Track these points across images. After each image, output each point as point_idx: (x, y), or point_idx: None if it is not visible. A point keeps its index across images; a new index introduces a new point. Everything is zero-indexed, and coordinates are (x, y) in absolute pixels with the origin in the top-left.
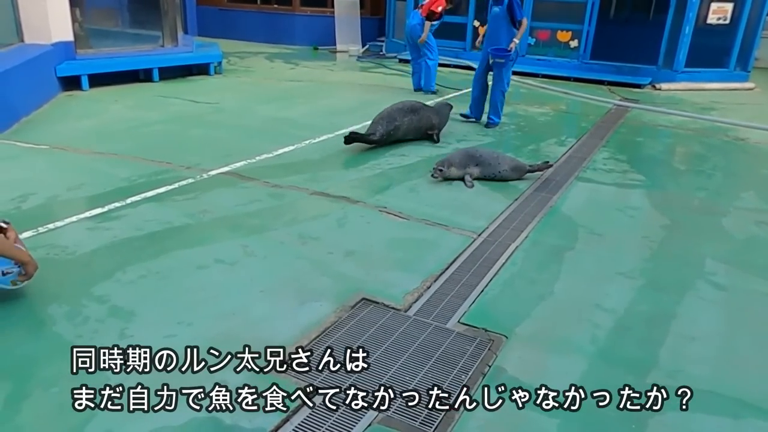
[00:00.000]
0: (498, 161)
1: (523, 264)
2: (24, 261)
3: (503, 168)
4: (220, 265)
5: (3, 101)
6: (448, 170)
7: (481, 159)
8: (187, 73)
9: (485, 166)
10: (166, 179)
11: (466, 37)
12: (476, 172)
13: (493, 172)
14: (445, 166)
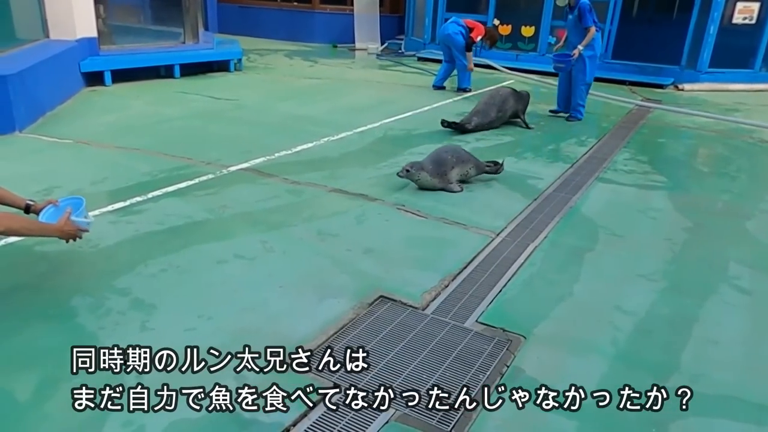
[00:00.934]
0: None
1: (542, 264)
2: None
3: (470, 164)
4: (240, 260)
5: (29, 96)
6: (418, 173)
7: (455, 159)
8: (208, 70)
9: (460, 164)
10: (186, 174)
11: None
12: (456, 173)
13: (465, 170)
14: (415, 169)
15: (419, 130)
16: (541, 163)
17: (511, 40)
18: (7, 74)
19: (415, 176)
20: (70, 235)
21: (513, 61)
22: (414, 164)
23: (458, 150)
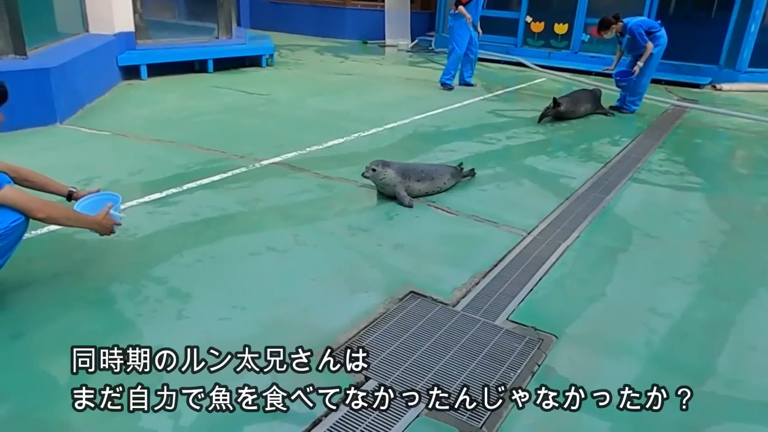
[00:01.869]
0: (440, 173)
1: (574, 264)
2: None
3: (446, 179)
4: (272, 252)
5: (69, 88)
6: (383, 171)
7: (424, 174)
8: (240, 65)
9: (429, 181)
10: (220, 167)
11: (518, 32)
12: (420, 188)
13: (438, 186)
14: (380, 167)
15: (449, 127)
16: (573, 162)
17: (544, 38)
18: (50, 67)
19: (381, 175)
20: (107, 228)
21: (545, 59)
22: (379, 162)
23: (430, 167)
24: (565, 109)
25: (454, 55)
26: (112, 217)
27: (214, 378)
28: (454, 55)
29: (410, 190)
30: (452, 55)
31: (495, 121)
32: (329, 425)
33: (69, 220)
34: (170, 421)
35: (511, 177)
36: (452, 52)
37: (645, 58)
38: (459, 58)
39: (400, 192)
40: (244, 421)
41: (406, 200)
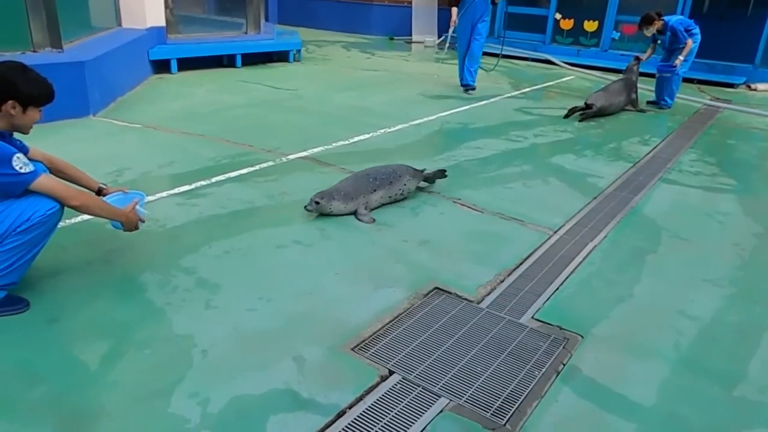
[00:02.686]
0: (398, 175)
1: (601, 264)
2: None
3: (406, 179)
4: (298, 245)
5: (102, 81)
6: (329, 204)
7: (379, 182)
8: (268, 60)
9: (387, 187)
10: (248, 161)
11: (546, 29)
12: (376, 198)
13: (398, 189)
14: (325, 200)
15: (475, 125)
16: (601, 162)
17: (573, 35)
18: (84, 60)
19: (327, 208)
20: (133, 222)
21: (574, 56)
22: (323, 194)
23: (386, 170)
24: (600, 106)
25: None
26: (137, 213)
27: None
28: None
29: (369, 204)
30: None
31: (522, 119)
32: (353, 417)
33: (102, 210)
34: (199, 408)
35: (537, 175)
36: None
37: (686, 52)
38: (460, 58)
39: (359, 210)
40: (270, 410)
41: (366, 218)
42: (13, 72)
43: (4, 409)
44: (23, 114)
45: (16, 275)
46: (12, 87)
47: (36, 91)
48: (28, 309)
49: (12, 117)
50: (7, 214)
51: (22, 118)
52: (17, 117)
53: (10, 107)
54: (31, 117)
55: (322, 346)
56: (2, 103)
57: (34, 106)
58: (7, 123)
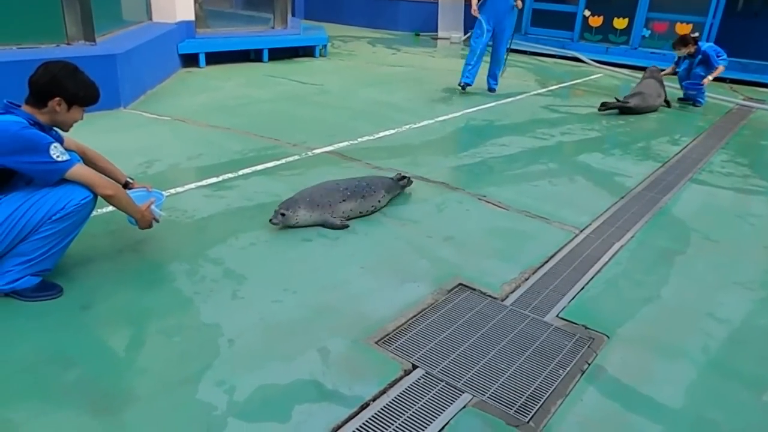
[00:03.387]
0: (372, 190)
1: (628, 264)
2: (136, 217)
3: (381, 195)
4: (323, 239)
5: (133, 74)
6: (295, 214)
7: (350, 192)
8: (294, 55)
9: (358, 200)
10: (274, 154)
11: (575, 26)
12: (344, 209)
13: (371, 205)
14: (290, 210)
15: (501, 122)
16: (629, 161)
17: (602, 33)
18: (116, 53)
19: (293, 219)
20: (147, 221)
21: (602, 54)
22: (288, 204)
23: (359, 184)
24: (635, 105)
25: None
26: (152, 212)
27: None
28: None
29: (334, 214)
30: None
31: (548, 117)
32: (377, 409)
33: (127, 204)
34: (225, 396)
35: (564, 173)
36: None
37: (715, 75)
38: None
39: (328, 220)
40: (295, 400)
41: (337, 222)
42: (64, 72)
43: (40, 391)
44: (67, 112)
45: (50, 262)
46: (60, 86)
47: (82, 92)
48: (62, 295)
49: (56, 113)
50: (43, 202)
51: (65, 115)
52: (61, 114)
53: (56, 104)
54: (73, 116)
55: (346, 338)
56: (49, 99)
57: (78, 106)
58: (50, 118)
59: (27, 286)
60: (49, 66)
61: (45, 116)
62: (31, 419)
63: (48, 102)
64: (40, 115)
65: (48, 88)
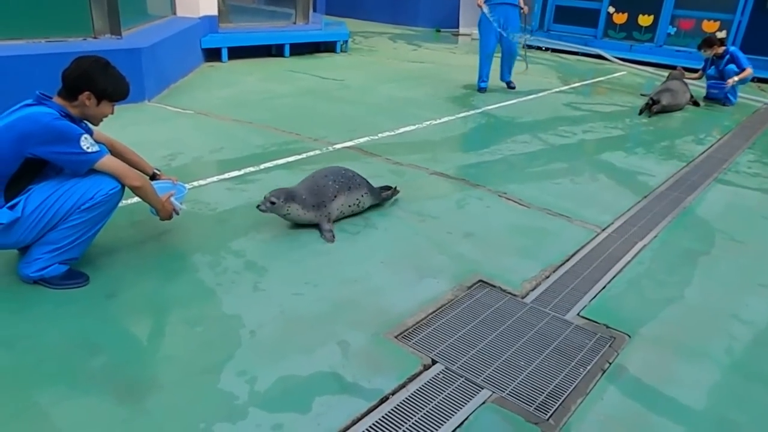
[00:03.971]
0: (357, 183)
1: (651, 264)
2: (157, 208)
3: (363, 192)
4: (344, 233)
5: (158, 68)
6: (286, 205)
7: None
8: (315, 50)
9: (346, 193)
10: (295, 149)
11: (599, 23)
12: (337, 206)
13: (356, 199)
14: (282, 200)
15: (522, 119)
16: (652, 160)
17: (626, 30)
18: (141, 47)
19: (283, 210)
20: (167, 212)
21: (626, 51)
22: (280, 193)
23: (345, 174)
24: (668, 103)
25: (480, 54)
26: (173, 204)
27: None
28: (481, 54)
29: (330, 215)
30: (479, 55)
31: (571, 114)
32: (396, 403)
33: (153, 196)
34: (246, 386)
35: (585, 172)
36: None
37: (743, 76)
38: (487, 58)
39: (323, 225)
40: (315, 392)
41: (329, 235)
42: (95, 67)
43: (67, 376)
44: (96, 106)
45: (78, 251)
46: (91, 80)
47: (111, 88)
48: (88, 283)
49: (86, 107)
50: (72, 192)
51: (95, 110)
52: (90, 108)
53: (85, 98)
54: (102, 110)
55: (366, 332)
56: (80, 93)
57: (107, 101)
58: (80, 112)
59: (55, 274)
60: (81, 61)
61: (76, 109)
62: (58, 403)
63: (78, 96)
64: (71, 108)
65: (78, 83)
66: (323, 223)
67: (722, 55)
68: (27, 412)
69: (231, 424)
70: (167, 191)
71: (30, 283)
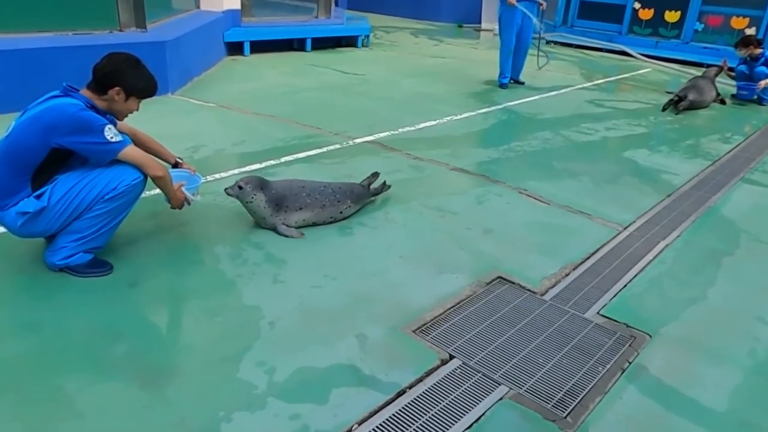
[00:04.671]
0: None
1: (673, 264)
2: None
3: (346, 206)
4: (363, 227)
5: (181, 61)
6: (253, 193)
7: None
8: (337, 45)
9: (316, 210)
10: (315, 143)
11: (624, 19)
12: (296, 219)
13: (329, 215)
14: (250, 186)
15: (544, 115)
16: (677, 158)
17: (652, 26)
18: (166, 40)
19: (248, 197)
20: (178, 200)
21: (651, 48)
22: (252, 179)
23: (324, 191)
24: (694, 99)
25: (502, 50)
26: (185, 193)
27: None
28: (503, 50)
29: (287, 222)
30: (500, 51)
31: (593, 111)
32: (413, 397)
33: (169, 186)
34: (265, 376)
35: (607, 169)
36: (500, 47)
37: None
38: (509, 54)
39: (279, 228)
40: (333, 384)
41: (290, 232)
42: (126, 63)
43: (91, 363)
44: (124, 102)
45: (102, 240)
46: (122, 76)
47: (141, 85)
48: (112, 272)
49: (114, 102)
50: (97, 181)
51: (122, 105)
52: (118, 103)
53: (115, 93)
54: (129, 106)
55: (384, 326)
56: (110, 88)
57: (135, 97)
58: (107, 106)
59: (80, 262)
60: (114, 56)
61: (103, 103)
62: (83, 389)
63: (108, 90)
64: (99, 101)
65: (109, 77)
66: (278, 225)
67: (757, 57)
68: (53, 395)
69: (249, 413)
70: (180, 180)
71: (56, 271)
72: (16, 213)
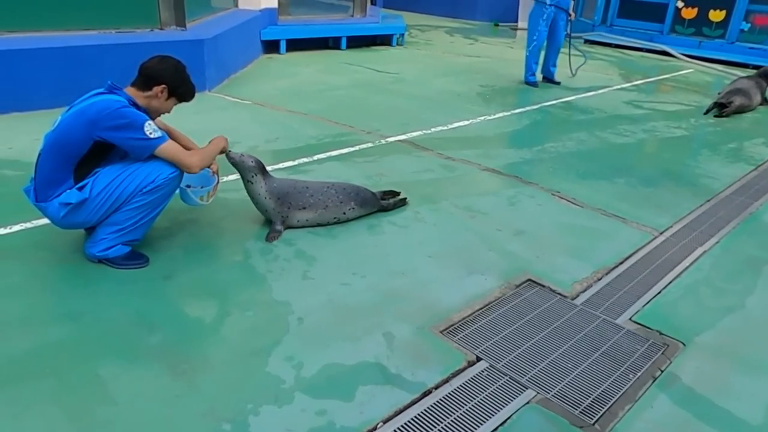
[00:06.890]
0: (340, 200)
1: (710, 271)
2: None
3: (349, 207)
4: (392, 226)
5: (218, 59)
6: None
7: (313, 200)
8: (371, 43)
9: (318, 210)
10: (348, 141)
11: (665, 18)
12: (299, 218)
13: (333, 216)
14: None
15: (580, 116)
16: (717, 162)
17: (695, 25)
18: (204, 39)
19: (249, 173)
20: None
21: (694, 48)
22: (255, 159)
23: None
24: (740, 104)
25: (530, 47)
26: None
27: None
28: (532, 48)
29: (288, 221)
30: (528, 48)
31: (631, 113)
32: (439, 397)
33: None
34: (293, 371)
35: (644, 172)
36: (528, 44)
37: None
38: (539, 50)
39: (275, 224)
40: (359, 381)
41: (274, 235)
42: (175, 67)
43: (126, 351)
44: (165, 101)
45: (139, 232)
46: (169, 76)
47: (183, 88)
48: (148, 264)
49: (156, 99)
50: (136, 175)
51: (162, 103)
52: (159, 101)
53: (159, 90)
54: (167, 105)
55: (411, 325)
56: (156, 85)
57: (175, 99)
58: (147, 102)
59: (118, 254)
60: (164, 58)
61: (144, 100)
62: (118, 376)
63: (153, 87)
64: (141, 98)
65: (158, 75)
66: (276, 221)
67: None
68: (89, 382)
69: (277, 407)
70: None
71: (95, 262)
72: (59, 204)
